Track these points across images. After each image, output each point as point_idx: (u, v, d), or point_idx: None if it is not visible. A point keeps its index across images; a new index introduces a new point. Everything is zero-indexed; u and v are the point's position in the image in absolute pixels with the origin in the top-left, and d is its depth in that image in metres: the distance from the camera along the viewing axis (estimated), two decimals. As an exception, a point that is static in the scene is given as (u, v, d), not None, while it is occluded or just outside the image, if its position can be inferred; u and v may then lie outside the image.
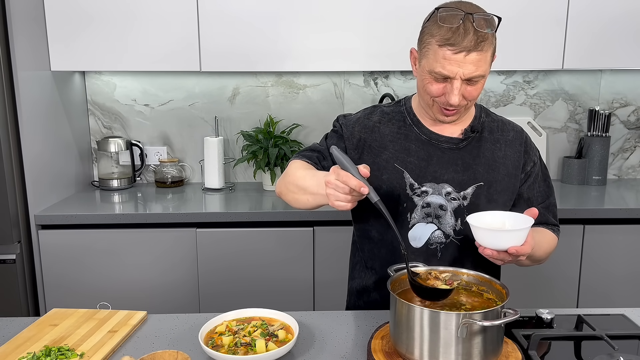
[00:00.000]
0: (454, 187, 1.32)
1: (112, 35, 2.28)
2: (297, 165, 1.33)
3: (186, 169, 2.77)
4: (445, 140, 1.34)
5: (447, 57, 1.18)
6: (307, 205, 1.29)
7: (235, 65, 2.33)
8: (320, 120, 2.73)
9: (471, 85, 1.22)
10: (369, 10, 2.27)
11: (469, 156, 1.33)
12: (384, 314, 1.34)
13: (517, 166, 1.36)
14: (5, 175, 2.09)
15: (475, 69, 1.18)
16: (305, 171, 1.29)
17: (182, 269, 2.23)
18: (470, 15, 1.17)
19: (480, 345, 1.01)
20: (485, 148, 1.35)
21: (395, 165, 1.33)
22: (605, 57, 2.34)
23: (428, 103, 1.29)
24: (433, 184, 1.32)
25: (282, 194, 1.36)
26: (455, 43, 1.16)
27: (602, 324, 1.24)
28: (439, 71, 1.20)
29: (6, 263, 2.14)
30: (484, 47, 1.17)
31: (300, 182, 1.27)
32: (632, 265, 2.30)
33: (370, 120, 1.38)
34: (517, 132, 1.39)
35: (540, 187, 1.40)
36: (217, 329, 1.19)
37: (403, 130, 1.36)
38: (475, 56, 1.17)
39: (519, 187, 1.37)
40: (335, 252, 2.24)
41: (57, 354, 1.13)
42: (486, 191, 1.32)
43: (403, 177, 1.32)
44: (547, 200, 1.41)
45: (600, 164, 2.63)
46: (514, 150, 1.36)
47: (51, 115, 2.35)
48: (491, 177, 1.33)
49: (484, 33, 1.17)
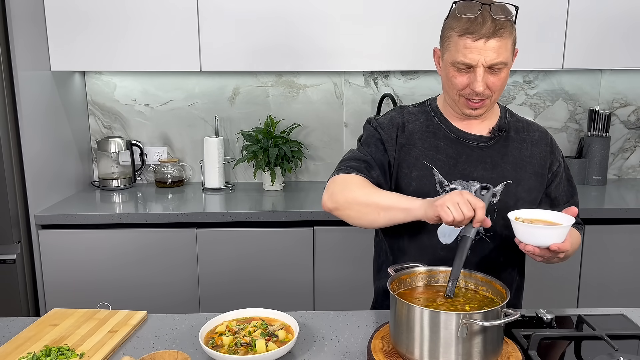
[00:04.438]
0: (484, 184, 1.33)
1: (112, 35, 2.28)
2: (355, 180, 1.30)
3: (186, 169, 2.77)
4: (474, 138, 1.35)
5: (468, 46, 1.22)
6: (373, 221, 1.26)
7: (235, 65, 2.33)
8: (320, 120, 2.73)
9: (494, 75, 1.24)
10: (375, 12, 2.27)
11: (497, 154, 1.35)
12: (384, 314, 1.34)
13: (543, 165, 1.38)
14: (5, 175, 2.09)
15: (496, 56, 1.21)
16: (372, 186, 1.29)
17: (182, 269, 2.23)
18: (487, 6, 1.22)
19: (480, 345, 1.01)
20: (512, 147, 1.36)
21: (424, 163, 1.34)
22: (605, 57, 2.34)
23: (454, 98, 1.31)
24: (462, 182, 1.33)
25: (340, 209, 1.29)
26: (474, 31, 1.21)
27: (602, 324, 1.24)
28: (461, 60, 1.23)
29: (6, 263, 2.14)
30: (502, 33, 1.21)
31: (373, 198, 1.25)
32: (632, 265, 2.30)
33: (401, 120, 1.39)
34: (542, 132, 1.42)
35: (564, 187, 1.43)
36: (217, 329, 1.19)
37: (431, 128, 1.37)
38: (494, 42, 1.21)
39: (546, 187, 1.39)
40: (335, 252, 2.24)
41: (57, 354, 1.13)
42: (514, 189, 1.34)
43: (433, 174, 1.33)
44: (571, 199, 1.43)
45: (600, 164, 2.63)
46: (540, 150, 1.38)
47: (51, 115, 2.35)
48: (519, 175, 1.34)
49: (502, 21, 1.21)
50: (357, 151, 1.39)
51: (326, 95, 2.71)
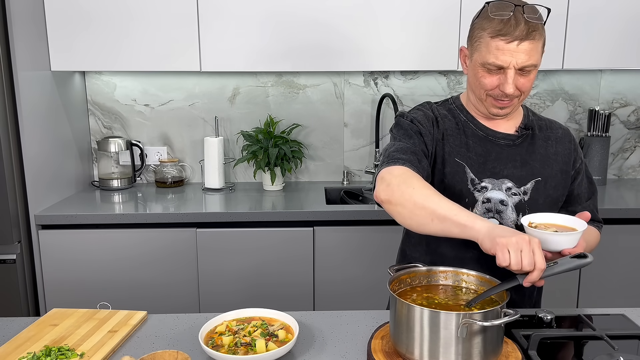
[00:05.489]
0: (514, 182, 1.33)
1: (112, 35, 2.28)
2: (418, 179, 1.20)
3: (186, 169, 2.77)
4: (502, 136, 1.35)
5: (500, 48, 1.21)
6: (424, 228, 1.16)
7: (235, 65, 2.33)
8: (320, 120, 2.73)
9: (524, 77, 1.24)
10: (375, 12, 2.28)
11: (525, 152, 1.35)
12: (384, 314, 1.34)
13: (567, 162, 1.39)
14: (5, 175, 2.09)
15: (527, 58, 1.21)
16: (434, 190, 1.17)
17: (182, 269, 2.23)
18: (520, 7, 1.21)
19: (480, 345, 1.01)
20: (538, 145, 1.37)
21: (456, 160, 1.33)
22: (605, 57, 2.34)
23: (481, 98, 1.31)
24: (492, 180, 1.33)
25: (393, 203, 1.19)
26: (507, 33, 1.20)
27: (602, 324, 1.24)
28: (492, 62, 1.23)
29: (6, 263, 2.14)
30: (535, 36, 1.21)
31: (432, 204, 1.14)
32: (632, 265, 2.30)
33: (433, 115, 1.37)
34: (565, 130, 1.43)
35: (586, 185, 1.43)
36: (217, 329, 1.19)
37: (460, 125, 1.37)
38: (527, 45, 1.21)
39: (570, 184, 1.40)
40: (335, 252, 2.24)
41: (57, 354, 1.13)
42: (543, 186, 1.34)
43: (465, 171, 1.33)
44: (592, 197, 1.44)
45: (600, 164, 2.63)
46: (564, 147, 1.39)
47: (51, 115, 2.35)
48: (547, 172, 1.35)
49: (535, 23, 1.21)
50: (401, 143, 1.31)
51: (326, 95, 2.71)
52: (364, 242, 2.22)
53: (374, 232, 2.21)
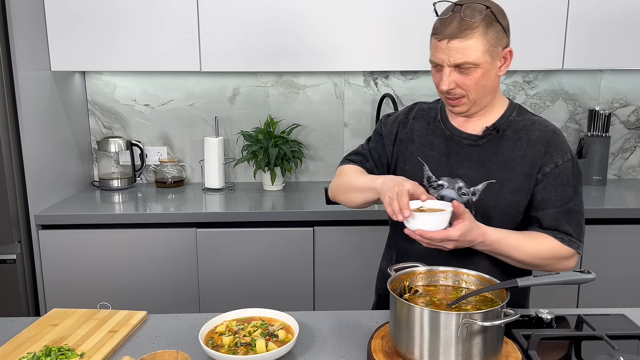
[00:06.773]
0: (466, 182, 1.33)
1: (112, 35, 2.28)
2: (347, 169, 1.46)
3: (186, 169, 2.77)
4: (466, 136, 1.35)
5: (435, 46, 1.25)
6: (356, 202, 1.40)
7: (236, 65, 2.33)
8: (320, 120, 2.73)
9: (464, 75, 1.24)
10: (375, 12, 2.28)
11: (485, 153, 1.34)
12: (384, 314, 1.35)
13: (534, 166, 1.31)
14: (5, 175, 2.09)
15: (460, 56, 1.21)
16: (356, 173, 1.43)
17: (182, 269, 2.23)
18: (460, 6, 1.22)
19: (480, 345, 1.01)
20: (504, 147, 1.33)
21: (417, 158, 1.39)
22: (605, 57, 2.34)
23: (441, 97, 1.33)
24: (449, 178, 1.35)
25: (335, 195, 1.47)
26: (440, 32, 1.23)
27: (602, 324, 1.24)
28: (431, 59, 1.27)
29: (6, 263, 2.14)
30: (468, 34, 1.20)
31: (353, 182, 1.39)
32: (632, 266, 2.30)
33: (407, 117, 1.45)
34: (544, 132, 1.33)
35: (559, 190, 1.31)
36: (217, 329, 1.20)
37: (432, 126, 1.40)
38: (457, 43, 1.21)
39: (533, 187, 1.32)
40: (335, 252, 2.24)
41: (57, 354, 1.13)
42: (498, 189, 1.31)
43: (422, 169, 1.37)
44: (565, 205, 1.30)
45: (600, 164, 2.63)
46: (534, 150, 1.31)
47: (51, 115, 2.35)
48: (505, 175, 1.31)
49: (469, 21, 1.20)
50: (360, 146, 1.53)
51: (326, 95, 2.71)
52: (364, 242, 2.22)
53: (374, 232, 2.21)
